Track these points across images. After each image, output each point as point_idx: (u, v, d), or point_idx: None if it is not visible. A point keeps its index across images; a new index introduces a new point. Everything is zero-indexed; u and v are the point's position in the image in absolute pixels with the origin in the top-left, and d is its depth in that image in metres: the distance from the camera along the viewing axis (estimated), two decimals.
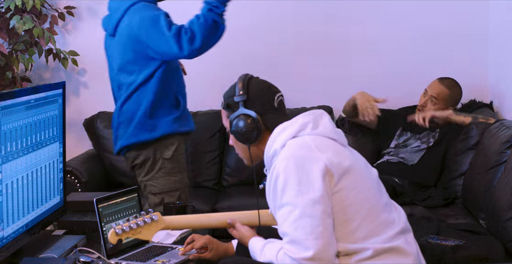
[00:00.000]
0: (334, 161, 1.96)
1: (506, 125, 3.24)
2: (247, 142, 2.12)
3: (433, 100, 3.74)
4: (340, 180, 1.96)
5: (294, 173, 1.95)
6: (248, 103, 2.11)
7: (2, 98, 2.10)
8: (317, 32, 4.18)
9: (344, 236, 1.96)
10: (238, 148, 2.20)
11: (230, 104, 2.15)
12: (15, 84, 3.99)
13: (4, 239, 2.14)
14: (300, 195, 1.93)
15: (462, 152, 3.54)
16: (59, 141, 2.58)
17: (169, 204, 2.80)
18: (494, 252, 2.66)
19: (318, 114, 2.10)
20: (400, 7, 4.18)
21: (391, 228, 2.00)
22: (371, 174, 2.09)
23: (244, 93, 2.11)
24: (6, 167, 2.14)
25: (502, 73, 3.96)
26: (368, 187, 2.02)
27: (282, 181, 1.97)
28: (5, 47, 3.94)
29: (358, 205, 1.97)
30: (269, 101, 2.13)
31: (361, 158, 2.12)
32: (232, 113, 2.13)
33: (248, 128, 2.10)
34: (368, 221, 1.97)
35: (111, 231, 2.11)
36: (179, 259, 2.34)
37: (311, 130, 2.04)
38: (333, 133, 2.07)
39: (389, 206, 2.06)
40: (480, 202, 3.10)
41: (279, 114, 2.14)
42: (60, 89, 2.57)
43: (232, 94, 2.14)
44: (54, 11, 4.13)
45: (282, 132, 2.06)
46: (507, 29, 3.82)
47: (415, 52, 4.19)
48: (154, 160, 3.02)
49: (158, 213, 2.21)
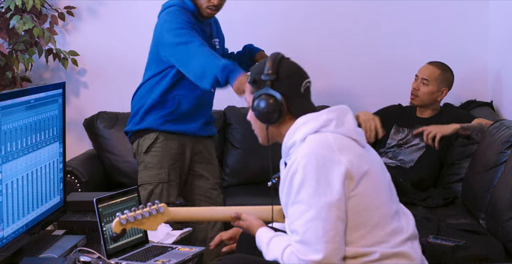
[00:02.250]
0: (355, 164, 1.94)
1: (506, 125, 3.23)
2: (266, 122, 2.07)
3: (425, 82, 3.68)
4: (358, 184, 1.94)
5: (314, 172, 1.91)
6: (275, 83, 2.05)
7: (2, 98, 2.10)
8: (317, 33, 4.19)
9: (354, 240, 1.95)
10: (256, 126, 2.14)
11: (257, 80, 2.08)
12: (15, 84, 3.99)
13: (4, 239, 2.14)
14: (317, 195, 1.91)
15: (464, 157, 3.51)
16: (59, 141, 2.58)
17: (169, 204, 2.80)
18: (494, 252, 2.66)
19: (342, 111, 2.06)
20: (400, 7, 4.18)
21: (400, 235, 1.99)
22: (385, 177, 2.07)
23: (273, 72, 2.05)
24: (6, 167, 2.14)
25: (502, 73, 3.96)
26: (382, 193, 2.00)
27: (300, 178, 1.93)
28: (5, 47, 3.94)
29: (371, 211, 1.96)
30: (296, 85, 2.07)
31: (378, 160, 2.09)
32: (257, 91, 2.07)
33: (270, 109, 2.04)
34: (378, 228, 1.96)
35: (116, 220, 2.10)
36: (179, 259, 2.34)
37: (335, 128, 2.00)
38: (354, 133, 2.03)
39: (398, 213, 2.05)
40: (480, 202, 3.10)
41: (304, 100, 2.09)
42: (60, 89, 2.57)
43: (260, 71, 2.08)
44: (54, 11, 4.12)
45: (305, 124, 2.02)
46: (507, 29, 3.83)
47: (415, 52, 4.19)
48: (137, 152, 3.22)
49: (165, 205, 2.20)
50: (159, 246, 2.51)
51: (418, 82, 3.70)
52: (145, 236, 2.56)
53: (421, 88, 3.69)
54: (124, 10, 4.23)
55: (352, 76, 4.19)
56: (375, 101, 4.10)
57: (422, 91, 3.69)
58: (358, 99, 4.16)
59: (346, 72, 4.19)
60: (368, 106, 4.04)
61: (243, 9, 4.20)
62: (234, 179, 4.05)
